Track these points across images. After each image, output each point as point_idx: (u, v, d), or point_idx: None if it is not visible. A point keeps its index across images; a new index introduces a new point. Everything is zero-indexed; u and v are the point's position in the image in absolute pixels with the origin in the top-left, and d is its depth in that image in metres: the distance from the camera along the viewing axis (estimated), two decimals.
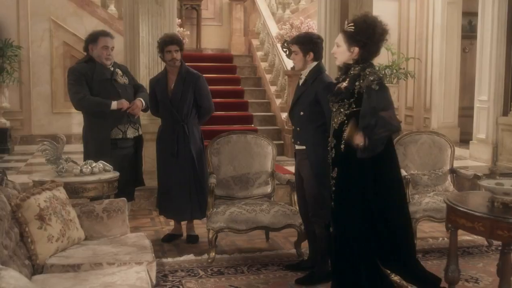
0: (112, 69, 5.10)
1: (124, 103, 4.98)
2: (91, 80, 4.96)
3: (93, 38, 5.07)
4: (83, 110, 5.09)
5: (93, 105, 4.98)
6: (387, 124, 3.55)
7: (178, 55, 5.19)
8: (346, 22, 3.82)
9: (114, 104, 4.94)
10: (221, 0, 12.43)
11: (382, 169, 3.71)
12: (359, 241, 3.68)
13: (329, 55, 7.53)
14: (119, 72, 5.16)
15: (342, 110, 3.72)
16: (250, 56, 11.60)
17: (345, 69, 3.81)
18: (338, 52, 3.79)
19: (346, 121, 3.70)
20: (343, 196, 3.72)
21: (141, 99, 5.15)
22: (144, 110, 5.25)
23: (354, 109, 3.66)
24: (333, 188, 3.79)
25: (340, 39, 3.78)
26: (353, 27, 3.73)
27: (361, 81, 3.63)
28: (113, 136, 5.02)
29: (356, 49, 3.70)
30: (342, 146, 3.69)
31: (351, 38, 3.71)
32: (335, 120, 3.79)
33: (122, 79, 5.15)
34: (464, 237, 5.13)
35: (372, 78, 3.59)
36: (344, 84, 3.77)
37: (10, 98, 9.45)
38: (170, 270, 4.50)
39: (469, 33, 10.99)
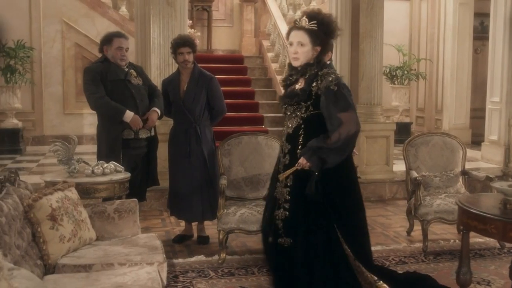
0: (126, 69, 5.12)
1: (139, 124, 4.99)
2: (105, 80, 4.99)
3: (108, 39, 5.10)
4: (98, 111, 5.11)
5: (108, 108, 4.99)
6: (342, 149, 3.39)
7: (190, 57, 5.21)
8: (304, 19, 3.46)
9: (128, 116, 4.95)
10: (232, 1, 12.44)
11: (340, 173, 3.51)
12: (329, 246, 3.45)
13: (340, 55, 7.56)
14: (134, 73, 5.18)
15: (298, 113, 3.52)
16: (260, 57, 11.60)
17: (303, 69, 3.53)
18: (302, 52, 3.47)
19: (302, 126, 3.50)
20: (302, 205, 3.47)
21: (157, 109, 5.15)
22: (159, 117, 5.26)
23: (312, 112, 3.47)
24: (288, 197, 3.52)
25: (304, 37, 3.46)
26: (315, 25, 3.45)
27: (319, 82, 3.43)
28: (125, 136, 5.04)
29: (319, 48, 3.48)
30: (299, 151, 3.48)
31: (316, 37, 3.45)
32: (289, 124, 3.58)
33: (136, 80, 5.17)
34: (476, 239, 5.10)
35: (331, 78, 3.40)
36: (298, 85, 3.55)
37: (22, 99, 9.52)
38: (181, 270, 4.51)
39: (481, 34, 10.95)
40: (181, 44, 5.21)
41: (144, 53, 6.87)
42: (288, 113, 3.59)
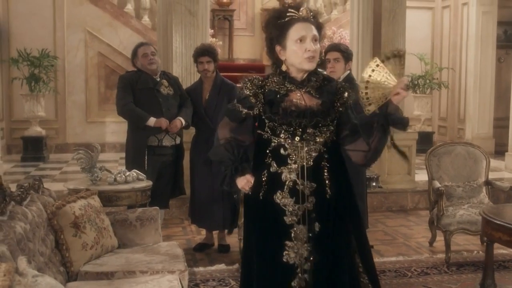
0: (158, 79, 5.21)
1: (163, 123, 5.05)
2: (135, 88, 5.13)
3: (134, 52, 5.29)
4: (124, 117, 5.26)
5: (132, 115, 5.13)
6: None
7: (210, 67, 5.24)
8: (305, 9, 2.69)
9: (151, 121, 5.03)
10: (253, 11, 12.49)
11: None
12: None
13: (362, 64, 7.54)
14: (165, 83, 5.26)
15: (321, 138, 2.65)
16: None
17: (308, 77, 2.72)
18: (318, 52, 2.70)
19: (326, 155, 2.65)
20: (336, 262, 2.66)
21: (181, 119, 5.18)
22: (185, 128, 5.31)
23: (333, 135, 2.70)
24: (310, 256, 2.62)
25: (316, 32, 2.68)
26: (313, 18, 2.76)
27: (344, 96, 2.71)
28: (150, 143, 5.13)
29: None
30: (327, 188, 2.64)
31: (321, 33, 2.75)
32: (303, 154, 2.63)
33: (166, 90, 5.24)
34: (500, 250, 5.02)
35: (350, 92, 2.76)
36: (302, 99, 2.68)
37: (46, 107, 9.64)
38: (202, 279, 4.51)
39: (504, 42, 10.85)
40: (200, 53, 5.26)
41: (166, 62, 6.92)
42: (303, 139, 2.64)
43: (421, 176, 7.16)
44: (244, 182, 2.72)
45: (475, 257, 5.14)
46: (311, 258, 2.62)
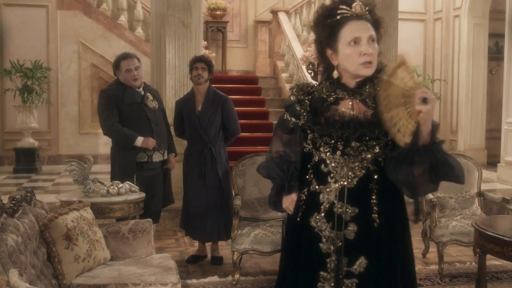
0: (142, 93, 5.16)
1: (150, 144, 5.01)
2: (122, 103, 5.02)
3: (116, 64, 5.16)
4: (111, 137, 5.16)
5: (120, 136, 5.04)
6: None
7: (204, 73, 5.25)
8: (358, 4, 2.30)
9: (139, 141, 4.97)
10: (246, 23, 12.55)
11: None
12: None
13: None
14: (150, 96, 5.21)
15: (369, 154, 2.27)
16: (275, 77, 11.65)
17: (361, 84, 2.33)
18: (376, 54, 2.30)
19: (376, 175, 2.28)
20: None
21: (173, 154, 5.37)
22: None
23: (390, 150, 2.27)
24: None
25: (373, 31, 2.30)
26: (369, 14, 2.34)
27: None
28: (139, 159, 5.06)
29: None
30: (375, 216, 2.27)
31: (379, 31, 2.35)
32: (344, 171, 2.28)
33: (152, 104, 5.21)
34: (493, 261, 5.04)
35: None
36: (365, 108, 2.31)
37: (39, 118, 9.62)
38: None
39: (495, 54, 10.92)
40: (197, 59, 5.32)
41: (159, 73, 6.93)
42: (346, 153, 2.29)
43: None
44: (289, 202, 2.48)
45: (468, 268, 5.15)
46: None
